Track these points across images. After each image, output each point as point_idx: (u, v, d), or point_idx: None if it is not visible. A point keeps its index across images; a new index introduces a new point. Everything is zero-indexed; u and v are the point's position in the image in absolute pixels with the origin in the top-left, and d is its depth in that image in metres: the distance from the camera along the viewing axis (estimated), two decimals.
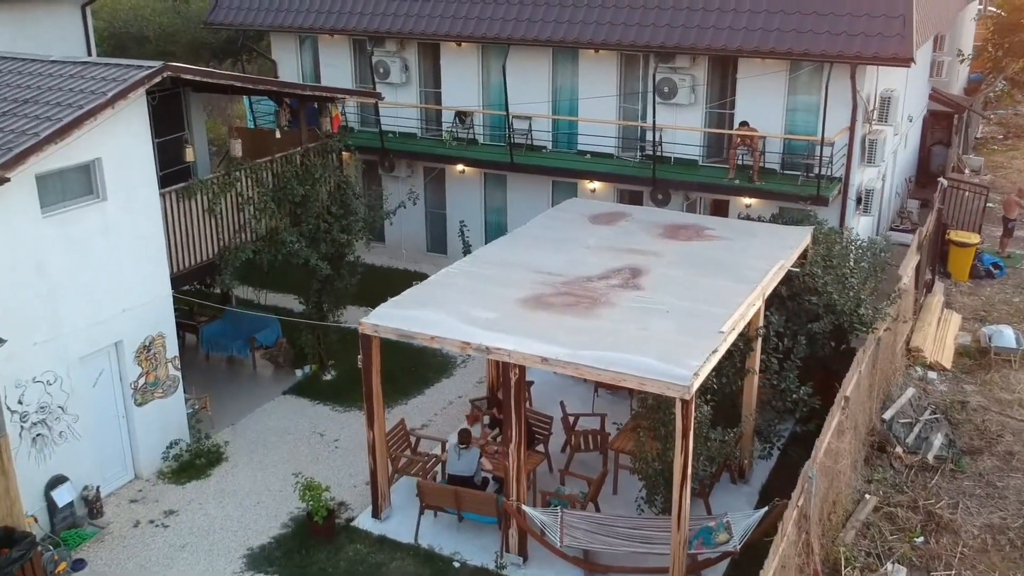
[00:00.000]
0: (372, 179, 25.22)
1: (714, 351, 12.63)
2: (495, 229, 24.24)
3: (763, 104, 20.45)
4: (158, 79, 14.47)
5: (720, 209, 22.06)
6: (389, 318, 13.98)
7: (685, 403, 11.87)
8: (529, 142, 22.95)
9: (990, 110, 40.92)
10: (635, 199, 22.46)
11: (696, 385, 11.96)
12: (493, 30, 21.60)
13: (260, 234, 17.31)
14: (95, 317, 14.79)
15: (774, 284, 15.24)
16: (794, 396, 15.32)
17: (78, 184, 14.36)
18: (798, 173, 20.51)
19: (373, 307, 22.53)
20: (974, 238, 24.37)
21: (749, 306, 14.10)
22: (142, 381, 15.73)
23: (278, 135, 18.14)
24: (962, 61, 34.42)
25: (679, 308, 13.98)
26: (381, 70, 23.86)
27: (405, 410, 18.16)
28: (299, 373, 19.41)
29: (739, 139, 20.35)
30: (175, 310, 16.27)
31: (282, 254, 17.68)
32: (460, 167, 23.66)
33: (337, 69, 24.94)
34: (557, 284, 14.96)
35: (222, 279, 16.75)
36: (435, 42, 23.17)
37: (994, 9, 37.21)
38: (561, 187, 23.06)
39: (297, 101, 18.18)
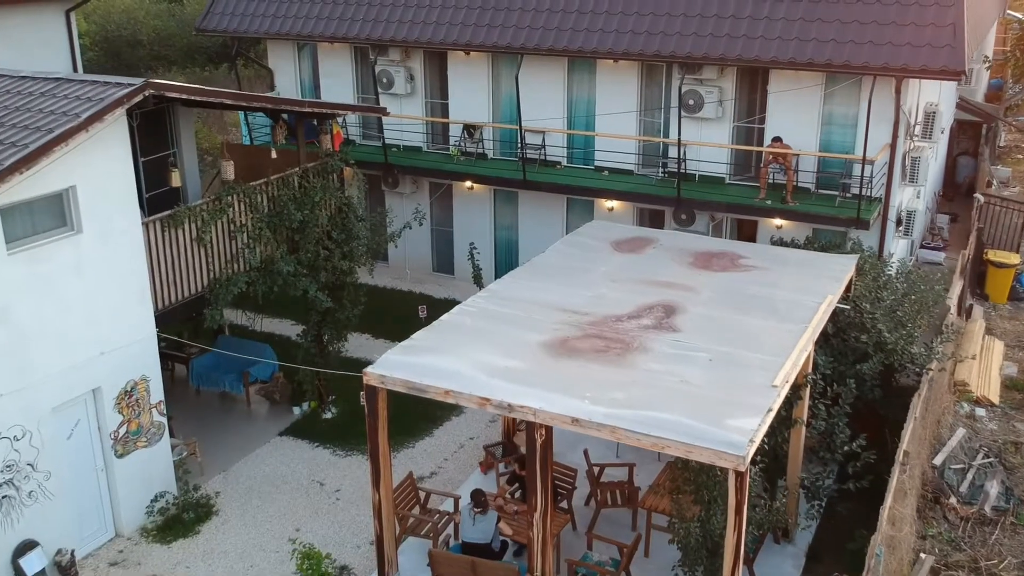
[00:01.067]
0: (375, 195, 23.58)
1: (768, 410, 11.03)
2: (505, 249, 22.63)
3: (796, 119, 18.84)
4: (139, 98, 12.84)
5: (747, 230, 20.46)
6: (398, 367, 12.33)
7: (740, 475, 10.27)
8: (542, 157, 21.33)
9: (1011, 116, 39.37)
10: (656, 219, 20.86)
11: (751, 453, 10.36)
12: (505, 39, 19.97)
13: (254, 263, 15.67)
14: (69, 363, 13.16)
15: (823, 323, 13.63)
16: (845, 448, 13.71)
17: (49, 216, 12.73)
18: (834, 193, 18.89)
19: (376, 333, 21.31)
20: (1013, 258, 22.77)
21: (800, 352, 12.50)
22: (123, 430, 14.10)
23: (274, 155, 16.50)
24: (988, 67, 32.84)
25: (722, 355, 12.37)
26: (385, 80, 22.22)
27: (412, 455, 16.54)
28: (297, 411, 17.78)
29: (771, 156, 18.74)
30: (161, 340, 14.65)
31: (278, 285, 16.06)
32: (468, 183, 22.04)
33: (337, 79, 23.29)
34: (584, 325, 13.34)
35: (212, 314, 15.11)
36: (442, 51, 21.53)
37: (1014, 14, 35.65)
38: (576, 205, 21.45)
39: (295, 117, 16.55)
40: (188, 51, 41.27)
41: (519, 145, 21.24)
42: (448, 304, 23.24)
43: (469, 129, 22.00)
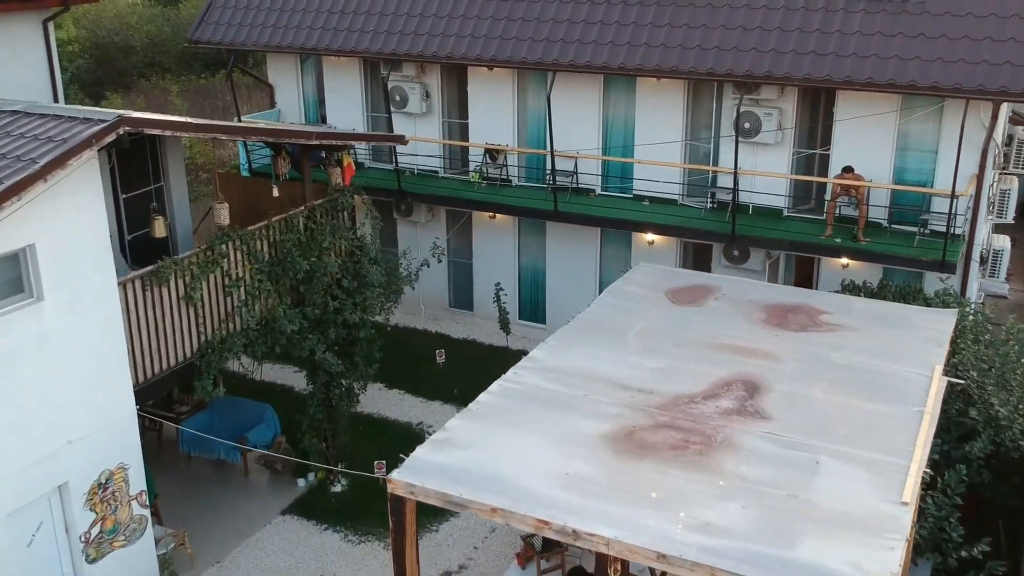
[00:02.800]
0: (386, 224, 21.06)
1: (905, 540, 8.61)
2: (531, 285, 20.17)
3: (866, 145, 16.39)
4: (111, 137, 10.36)
5: (807, 269, 18.03)
6: (429, 473, 9.85)
7: None
8: (574, 184, 18.86)
9: None
10: (703, 254, 18.42)
11: None
12: (535, 54, 17.49)
13: (252, 321, 13.20)
14: (30, 457, 10.70)
15: (939, 405, 11.20)
16: (962, 553, 11.29)
17: (2, 281, 10.26)
18: (909, 229, 16.46)
19: (389, 381, 18.52)
20: None
21: (923, 449, 10.07)
22: (96, 530, 11.64)
23: (276, 192, 14.04)
24: None
25: (830, 453, 9.94)
26: (398, 97, 19.74)
27: (436, 541, 14.09)
28: (302, 483, 15.32)
29: (840, 188, 16.30)
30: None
31: (280, 345, 13.61)
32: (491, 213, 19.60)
33: (345, 95, 20.80)
34: (651, 408, 10.89)
35: (202, 385, 12.64)
36: (462, 66, 19.05)
37: None
38: (612, 237, 18.99)
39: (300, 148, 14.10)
40: (183, 57, 38.71)
41: (548, 171, 18.80)
42: (467, 346, 20.53)
43: (492, 153, 19.54)
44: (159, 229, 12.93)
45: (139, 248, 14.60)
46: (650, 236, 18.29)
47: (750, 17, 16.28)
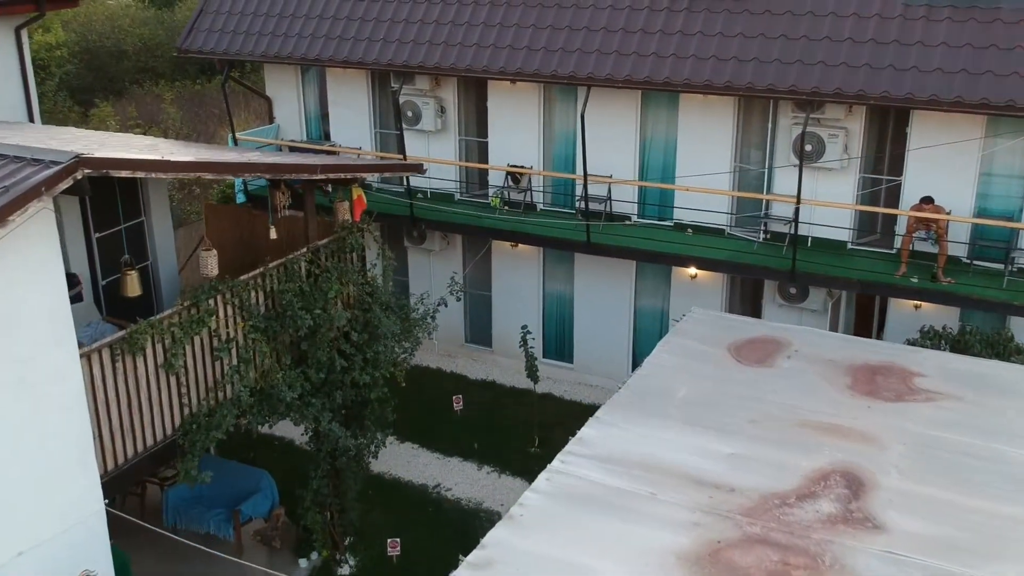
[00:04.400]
0: (395, 250, 18.90)
1: None
2: (557, 322, 18.01)
3: (945, 172, 14.24)
4: (65, 184, 8.18)
5: (869, 308, 15.91)
6: None
7: None
8: (607, 210, 16.69)
9: None
10: (753, 291, 16.30)
11: None
12: (566, 66, 15.29)
13: (245, 394, 11.00)
14: None
15: None
16: None
17: None
18: (993, 266, 14.32)
19: (401, 433, 15.40)
20: None
21: None
22: None
23: (273, 235, 11.86)
24: None
25: None
26: (410, 113, 17.55)
27: None
28: (304, 563, 13.16)
29: (917, 221, 14.15)
30: None
31: (279, 414, 11.45)
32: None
33: (350, 110, 18.61)
34: (736, 514, 8.71)
35: (185, 469, 10.47)
36: (481, 79, 16.85)
37: None
38: (648, 269, 16.83)
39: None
40: (178, 62, 36.45)
41: (579, 197, 16.65)
42: (487, 389, 18.05)
43: (514, 176, 17.36)
44: (131, 287, 10.72)
45: (116, 294, 12.46)
46: (693, 269, 16.14)
47: (815, 27, 14.11)
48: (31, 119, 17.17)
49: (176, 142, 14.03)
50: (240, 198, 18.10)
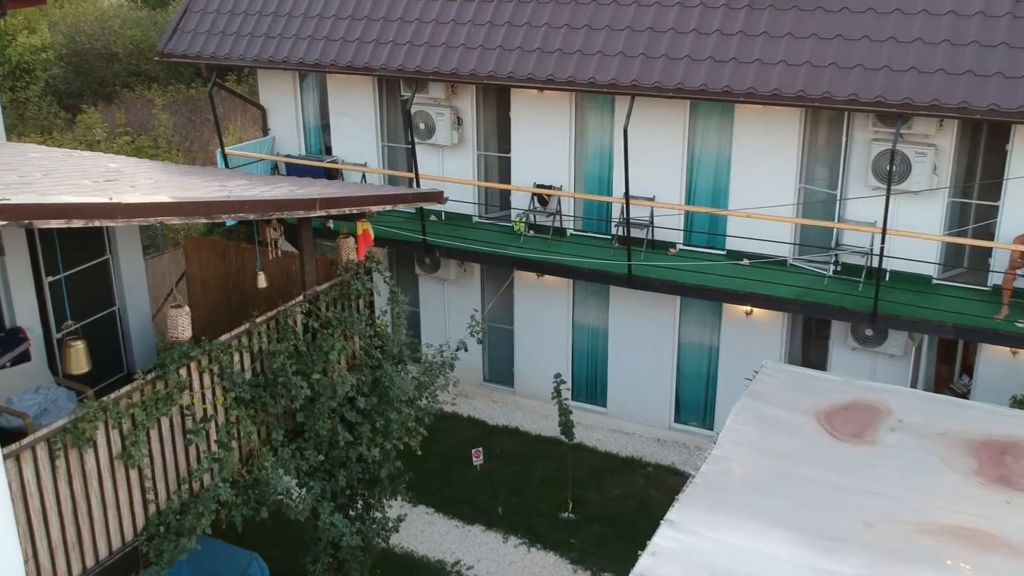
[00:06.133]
0: (405, 278, 16.65)
1: None
2: (589, 362, 15.71)
3: None
4: None
5: (951, 354, 13.65)
6: None
7: None
8: (649, 237, 14.40)
9: None
10: (818, 330, 14.01)
11: None
12: (606, 72, 12.98)
13: (224, 485, 8.68)
14: None
15: None
16: None
17: None
18: None
19: (413, 494, 13.36)
20: None
21: None
22: None
23: (262, 282, 9.57)
24: None
25: None
26: (422, 125, 15.26)
27: None
28: None
29: (1022, 256, 11.88)
30: None
31: (269, 507, 9.17)
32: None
33: (355, 121, 16.28)
34: None
35: None
36: (503, 87, 14.53)
37: None
38: (695, 303, 14.53)
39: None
40: (171, 66, 34.14)
41: (616, 221, 14.39)
42: (510, 437, 15.51)
43: (541, 197, 15.07)
44: (76, 362, 8.36)
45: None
46: (746, 307, 13.85)
47: (903, 27, 11.80)
48: None
49: (150, 164, 11.73)
50: (231, 222, 15.80)
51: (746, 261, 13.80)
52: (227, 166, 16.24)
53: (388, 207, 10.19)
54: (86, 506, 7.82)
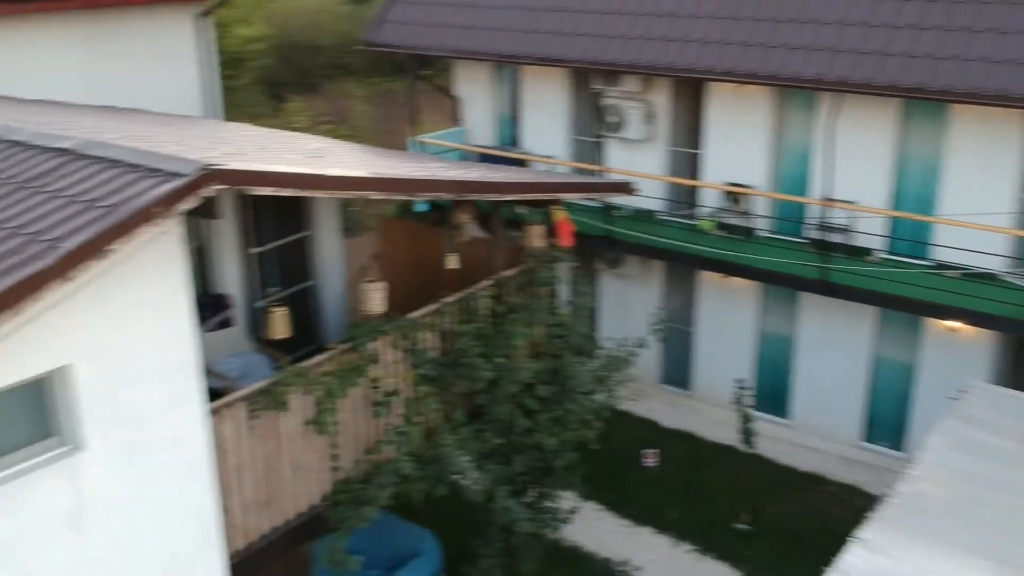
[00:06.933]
0: (585, 274, 16.53)
1: None
2: (771, 370, 15.08)
3: None
4: (189, 202, 6.17)
5: None
6: None
7: None
8: (846, 241, 13.65)
9: None
10: None
11: None
12: (811, 67, 12.41)
13: (406, 459, 8.80)
14: None
15: None
16: None
17: (14, 423, 6.31)
18: None
19: (584, 493, 13.61)
20: None
21: None
22: None
23: (454, 263, 9.68)
24: None
25: None
26: (613, 118, 15.08)
27: None
28: None
29: None
30: None
31: (447, 484, 9.25)
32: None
33: (546, 114, 16.29)
34: None
35: (332, 550, 8.41)
36: (697, 81, 14.16)
37: None
38: (894, 316, 13.65)
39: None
40: (372, 59, 35.45)
41: (814, 224, 13.73)
42: (684, 441, 15.00)
43: (734, 195, 14.58)
44: (277, 327, 8.70)
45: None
46: (951, 322, 12.89)
47: None
48: (213, 114, 15.86)
49: (351, 146, 12.13)
50: (422, 206, 16.16)
51: (955, 273, 12.83)
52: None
53: (578, 195, 10.05)
54: (278, 467, 8.11)
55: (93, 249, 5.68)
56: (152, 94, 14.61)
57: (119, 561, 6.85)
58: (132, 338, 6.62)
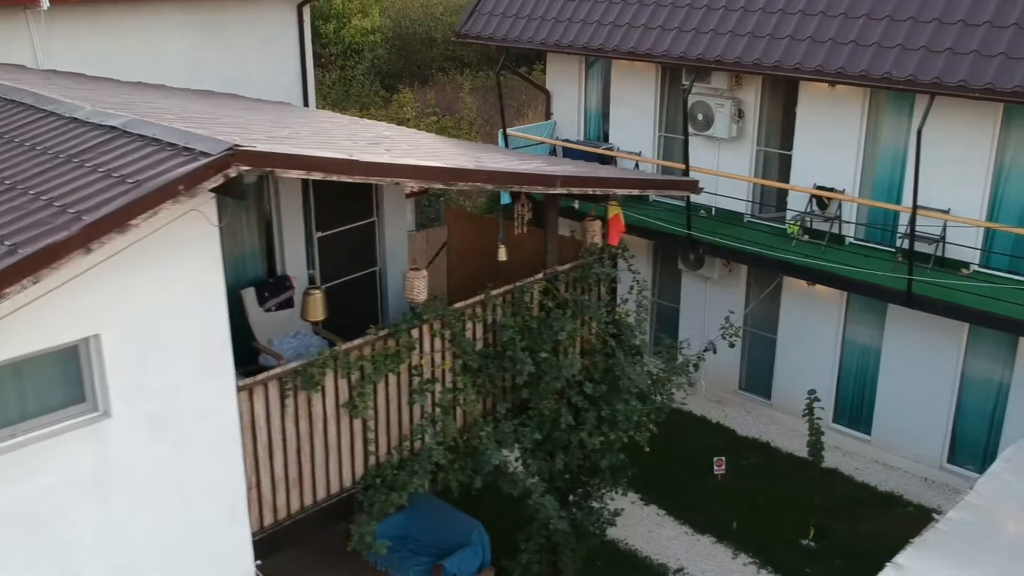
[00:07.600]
0: (665, 274, 16.23)
1: None
2: (855, 383, 14.46)
3: None
4: (212, 180, 6.30)
5: None
6: None
7: None
8: (938, 253, 12.95)
9: None
10: None
11: None
12: (904, 67, 11.79)
13: (438, 448, 8.79)
14: None
15: None
16: None
17: (45, 387, 6.58)
18: None
19: (644, 490, 13.01)
20: None
21: None
22: None
23: (502, 254, 9.62)
24: None
25: None
26: (700, 116, 14.72)
27: None
28: None
29: None
30: None
31: (485, 475, 9.21)
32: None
33: (634, 109, 16.05)
34: None
35: (361, 533, 8.47)
36: (791, 79, 13.66)
37: None
38: (987, 334, 12.87)
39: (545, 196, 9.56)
40: (485, 52, 35.71)
41: (902, 233, 13.08)
42: (758, 451, 14.55)
43: (821, 200, 14.03)
44: (313, 309, 8.80)
45: (337, 302, 10.78)
46: None
47: None
48: (305, 102, 16.27)
49: (424, 135, 12.21)
50: (505, 198, 16.14)
51: None
52: (507, 147, 16.60)
53: (635, 191, 9.84)
54: (309, 447, 8.23)
55: (115, 222, 5.86)
56: (251, 81, 15.08)
57: (142, 528, 7.08)
58: (164, 312, 6.82)
